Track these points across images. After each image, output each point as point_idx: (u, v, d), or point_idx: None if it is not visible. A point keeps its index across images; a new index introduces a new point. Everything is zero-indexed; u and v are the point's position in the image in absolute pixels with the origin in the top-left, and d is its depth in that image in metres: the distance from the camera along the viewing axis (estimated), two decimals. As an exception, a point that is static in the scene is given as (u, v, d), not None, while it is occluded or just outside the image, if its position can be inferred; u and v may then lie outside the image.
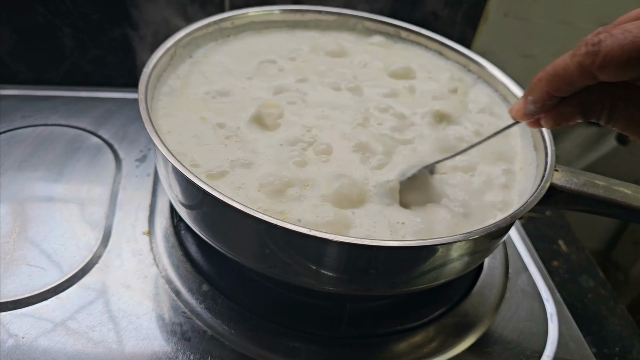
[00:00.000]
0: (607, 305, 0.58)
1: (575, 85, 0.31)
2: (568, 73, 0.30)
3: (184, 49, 0.54)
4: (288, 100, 0.51)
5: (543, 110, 0.33)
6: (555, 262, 0.63)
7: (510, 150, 0.50)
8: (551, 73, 0.31)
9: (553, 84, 0.31)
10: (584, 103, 0.32)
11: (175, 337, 0.45)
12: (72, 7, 0.70)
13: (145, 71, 0.47)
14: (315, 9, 0.62)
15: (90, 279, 0.48)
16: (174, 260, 0.51)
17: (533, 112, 0.34)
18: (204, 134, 0.46)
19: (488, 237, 0.40)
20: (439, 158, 0.45)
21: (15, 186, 0.56)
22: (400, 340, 0.47)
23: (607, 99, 0.31)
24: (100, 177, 0.59)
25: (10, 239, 0.51)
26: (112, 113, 0.69)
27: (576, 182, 0.42)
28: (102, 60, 0.75)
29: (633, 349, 0.54)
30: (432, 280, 0.41)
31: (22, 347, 0.42)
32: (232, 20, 0.59)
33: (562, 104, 0.33)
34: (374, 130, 0.49)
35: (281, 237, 0.37)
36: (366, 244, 0.35)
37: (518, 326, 0.50)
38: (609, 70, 0.28)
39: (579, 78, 0.30)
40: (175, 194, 0.43)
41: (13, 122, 0.65)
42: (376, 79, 0.57)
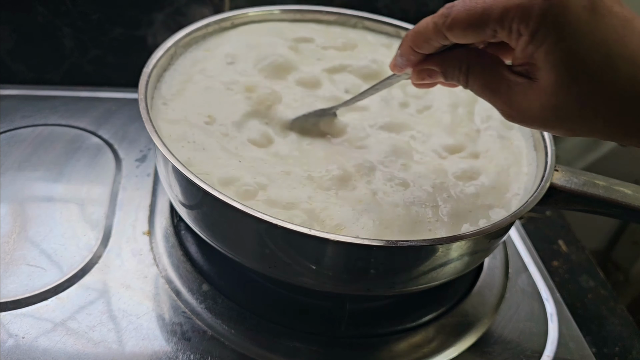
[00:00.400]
0: (607, 305, 0.58)
1: (432, 43, 0.34)
2: (426, 31, 0.34)
3: (184, 49, 0.54)
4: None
5: (409, 63, 0.37)
6: (555, 262, 0.63)
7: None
8: (415, 30, 0.35)
9: (414, 40, 0.35)
10: (444, 63, 0.35)
11: (176, 337, 0.45)
12: (72, 7, 0.70)
13: (145, 71, 0.47)
14: (315, 9, 0.62)
15: (90, 279, 0.48)
16: (174, 260, 0.51)
17: (401, 65, 0.37)
18: (204, 133, 0.46)
19: (488, 237, 0.40)
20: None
21: (15, 186, 0.56)
22: (400, 340, 0.47)
23: (464, 62, 0.34)
24: (100, 177, 0.59)
25: (10, 238, 0.51)
26: (112, 113, 0.69)
27: (576, 182, 0.42)
28: (102, 60, 0.75)
29: (633, 349, 0.54)
30: (432, 280, 0.41)
31: (22, 347, 0.42)
32: (232, 20, 0.59)
33: (426, 61, 0.36)
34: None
35: (281, 237, 0.37)
36: (366, 244, 0.35)
37: (518, 326, 0.50)
38: (456, 31, 0.32)
39: (433, 35, 0.33)
40: (175, 193, 0.43)
41: (13, 122, 0.65)
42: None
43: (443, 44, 0.34)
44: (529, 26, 0.29)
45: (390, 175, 0.45)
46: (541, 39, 0.29)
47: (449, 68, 0.35)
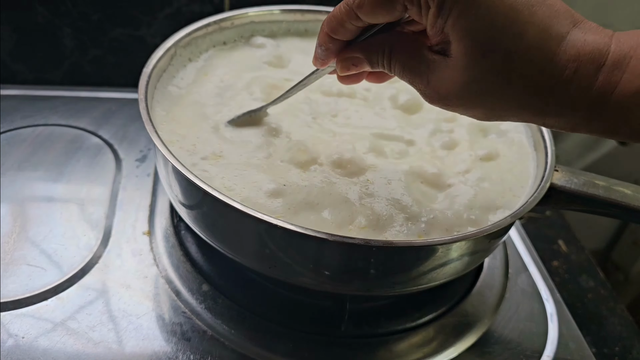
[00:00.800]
0: (607, 305, 0.58)
1: (347, 26, 0.33)
2: (339, 13, 0.33)
3: (184, 49, 0.54)
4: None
5: (329, 53, 0.35)
6: (555, 262, 0.63)
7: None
8: (329, 15, 0.34)
9: (329, 25, 0.34)
10: (367, 48, 0.34)
11: (175, 337, 0.45)
12: (72, 7, 0.70)
13: (145, 71, 0.47)
14: (315, 9, 0.62)
15: (90, 279, 0.48)
16: (174, 260, 0.51)
17: (322, 56, 0.36)
18: (204, 133, 0.46)
19: (488, 237, 0.40)
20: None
21: (15, 186, 0.56)
22: (400, 340, 0.47)
23: (386, 45, 0.33)
24: (101, 177, 0.59)
25: (10, 239, 0.51)
26: (112, 113, 0.69)
27: (576, 182, 0.42)
28: (102, 61, 0.75)
29: (633, 348, 0.54)
30: (432, 280, 0.41)
31: (22, 347, 0.42)
32: (232, 20, 0.59)
33: (348, 50, 0.35)
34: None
35: (281, 237, 0.37)
36: (366, 244, 0.35)
37: (518, 326, 0.50)
38: (366, 9, 0.31)
39: (346, 17, 0.32)
40: (175, 194, 0.43)
41: (13, 122, 0.65)
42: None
43: (357, 25, 0.33)
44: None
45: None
46: (448, 9, 0.28)
47: (372, 53, 0.34)
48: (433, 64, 0.31)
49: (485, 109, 0.31)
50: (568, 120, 0.30)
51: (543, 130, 0.48)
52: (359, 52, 0.35)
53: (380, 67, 0.35)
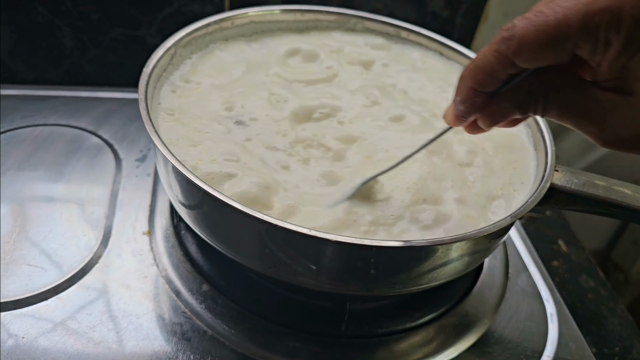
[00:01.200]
0: (607, 305, 0.58)
1: (497, 76, 0.29)
2: (487, 63, 0.29)
3: (184, 49, 0.54)
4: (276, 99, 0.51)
5: (473, 109, 0.32)
6: (555, 262, 0.63)
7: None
8: (472, 68, 0.30)
9: (475, 78, 0.30)
10: (516, 96, 0.30)
11: (176, 337, 0.45)
12: (72, 7, 0.70)
13: (145, 71, 0.47)
14: (315, 9, 0.62)
15: (90, 279, 0.48)
16: (174, 260, 0.51)
17: (464, 113, 0.32)
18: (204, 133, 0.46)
19: (488, 237, 0.40)
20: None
21: (15, 186, 0.56)
22: (400, 340, 0.47)
23: (539, 88, 0.30)
24: (100, 177, 0.59)
25: (10, 239, 0.51)
26: (112, 113, 0.69)
27: (576, 182, 0.42)
28: (102, 60, 0.75)
29: (633, 349, 0.54)
30: (432, 280, 0.41)
31: (22, 347, 0.42)
32: (232, 20, 0.59)
33: (495, 101, 0.31)
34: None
35: (281, 237, 0.37)
36: (366, 244, 0.35)
37: (518, 326, 0.50)
38: (526, 55, 0.27)
39: (498, 67, 0.28)
40: (175, 194, 0.43)
41: (13, 122, 0.65)
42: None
43: (510, 73, 0.29)
44: (620, 32, 0.25)
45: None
46: (637, 45, 0.25)
47: (524, 101, 0.30)
48: (608, 103, 0.27)
49: None
50: None
51: (543, 130, 0.48)
52: (510, 101, 0.30)
53: (533, 113, 0.31)
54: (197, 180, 0.37)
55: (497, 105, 0.31)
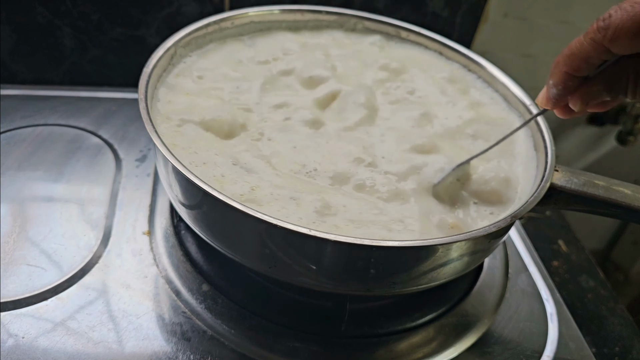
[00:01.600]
0: (607, 305, 0.58)
1: (592, 62, 0.31)
2: (583, 50, 0.31)
3: (184, 49, 0.54)
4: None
5: (566, 92, 0.34)
6: (555, 262, 0.63)
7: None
8: (567, 54, 0.32)
9: (570, 64, 0.32)
10: (608, 79, 0.32)
11: (175, 337, 0.45)
12: (72, 7, 0.70)
13: (145, 71, 0.47)
14: (315, 9, 0.62)
15: (90, 279, 0.48)
16: (174, 260, 0.51)
17: (557, 96, 0.35)
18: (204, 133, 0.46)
19: (488, 237, 0.40)
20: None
21: (15, 186, 0.56)
22: (400, 340, 0.47)
23: (631, 71, 0.31)
24: (100, 177, 0.59)
25: (10, 238, 0.51)
26: (112, 113, 0.69)
27: (576, 182, 0.42)
28: (102, 60, 0.75)
29: (633, 348, 0.54)
30: (432, 280, 0.41)
31: (22, 347, 0.42)
32: (232, 20, 0.59)
33: (587, 84, 0.33)
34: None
35: (281, 237, 0.37)
36: (366, 244, 0.35)
37: (518, 326, 0.50)
38: (621, 42, 0.29)
39: (593, 54, 0.30)
40: (175, 194, 0.43)
41: (13, 122, 0.65)
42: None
43: (605, 59, 0.31)
44: None
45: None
46: None
47: (616, 82, 0.32)
48: None
49: None
50: None
51: (543, 130, 0.48)
52: (601, 84, 0.33)
53: (624, 96, 0.33)
54: (197, 180, 0.37)
55: (589, 88, 0.33)
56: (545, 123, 0.49)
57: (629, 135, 0.89)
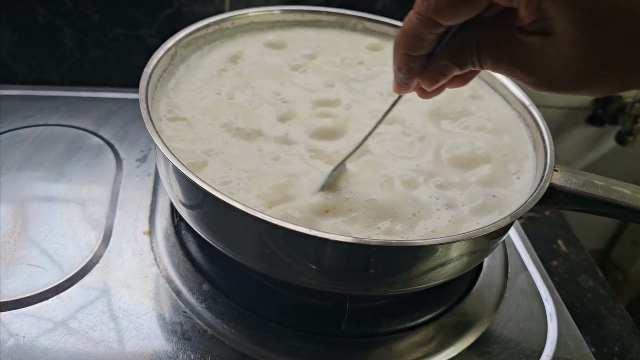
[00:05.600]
0: (607, 304, 0.58)
1: (425, 38, 0.30)
2: (413, 27, 0.30)
3: (184, 49, 0.54)
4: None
5: (411, 74, 0.33)
6: (555, 261, 0.63)
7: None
8: (401, 34, 0.31)
9: (405, 44, 0.31)
10: (451, 52, 0.31)
11: (176, 337, 0.45)
12: (72, 8, 0.70)
13: (146, 71, 0.47)
14: (315, 9, 0.62)
15: (91, 279, 0.48)
16: (174, 260, 0.51)
17: (404, 80, 0.33)
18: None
19: (487, 237, 0.40)
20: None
21: (16, 186, 0.57)
22: (400, 340, 0.47)
23: (471, 41, 0.30)
24: (101, 177, 0.59)
25: (11, 238, 0.51)
26: (112, 113, 0.70)
27: (575, 182, 0.42)
28: (103, 61, 0.75)
29: (632, 348, 0.54)
30: (432, 280, 0.41)
31: (23, 347, 0.43)
32: (233, 21, 0.59)
33: (431, 61, 0.32)
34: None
35: (281, 236, 0.38)
36: (366, 243, 0.35)
37: (517, 326, 0.50)
38: (445, 12, 0.28)
39: (423, 29, 0.29)
40: (176, 193, 0.43)
41: (14, 122, 0.65)
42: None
43: (436, 33, 0.30)
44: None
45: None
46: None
47: (459, 55, 0.31)
48: (531, 47, 0.28)
49: (610, 82, 0.27)
50: None
51: (542, 130, 0.48)
52: (445, 59, 0.32)
53: (471, 66, 0.31)
54: (197, 180, 0.37)
55: (434, 64, 0.32)
56: (545, 123, 0.49)
57: (628, 135, 0.90)
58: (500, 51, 0.30)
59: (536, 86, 0.29)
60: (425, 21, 0.29)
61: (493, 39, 0.30)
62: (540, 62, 0.28)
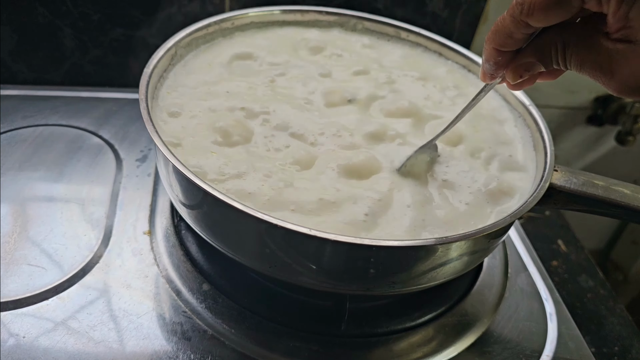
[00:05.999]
0: (607, 304, 0.58)
1: (515, 37, 0.33)
2: (505, 26, 0.32)
3: (184, 49, 0.54)
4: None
5: (499, 66, 0.36)
6: (555, 261, 0.63)
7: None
8: (493, 31, 0.34)
9: (496, 40, 0.34)
10: (537, 50, 0.34)
11: (176, 337, 0.45)
12: (72, 7, 0.70)
13: (146, 71, 0.47)
14: (316, 9, 0.62)
15: (91, 279, 0.48)
16: (174, 260, 0.51)
17: (491, 71, 0.36)
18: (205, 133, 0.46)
19: (487, 237, 0.40)
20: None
21: (16, 186, 0.57)
22: (400, 340, 0.47)
23: (557, 41, 0.32)
24: (101, 177, 0.59)
25: (11, 238, 0.51)
26: (112, 113, 0.69)
27: (575, 182, 0.42)
28: (103, 61, 0.75)
29: (632, 348, 0.54)
30: (432, 279, 0.41)
31: (23, 347, 0.43)
32: (233, 21, 0.59)
33: (518, 57, 0.35)
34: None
35: (281, 236, 0.38)
36: (366, 244, 0.36)
37: (517, 326, 0.50)
38: (537, 15, 0.30)
39: (514, 29, 0.32)
40: (176, 193, 0.43)
41: (14, 122, 0.65)
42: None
43: (527, 33, 0.32)
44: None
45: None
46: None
47: (545, 54, 0.33)
48: (616, 53, 0.30)
49: None
50: None
51: (543, 130, 0.48)
52: (531, 56, 0.34)
53: (556, 65, 0.34)
54: (197, 180, 0.37)
55: (520, 61, 0.35)
56: (545, 123, 0.49)
57: (628, 135, 0.89)
58: (585, 54, 0.31)
59: (616, 91, 0.31)
60: (517, 22, 0.31)
61: (579, 42, 0.31)
62: (622, 68, 0.30)
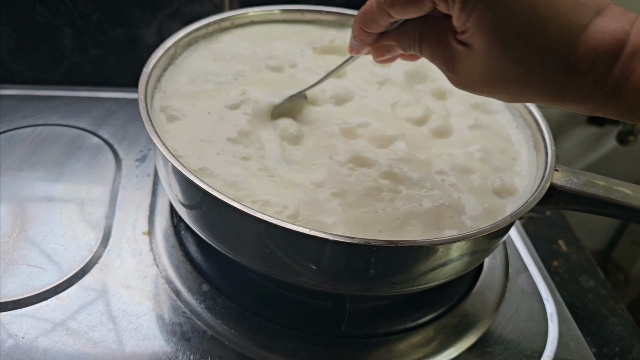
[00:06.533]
0: (607, 305, 0.58)
1: (379, 22, 0.35)
2: (371, 11, 0.35)
3: (184, 49, 0.54)
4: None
5: (364, 44, 0.39)
6: (555, 262, 0.63)
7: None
8: (361, 12, 0.36)
9: (362, 21, 0.37)
10: (397, 36, 0.37)
11: (175, 337, 0.45)
12: (72, 7, 0.70)
13: (145, 71, 0.47)
14: (316, 9, 0.62)
15: (90, 279, 0.48)
16: (174, 260, 0.51)
17: (357, 46, 0.39)
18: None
19: (488, 237, 0.40)
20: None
21: (15, 186, 0.56)
22: (400, 340, 0.47)
23: (416, 31, 0.35)
24: (100, 177, 0.59)
25: (10, 239, 0.51)
26: (112, 113, 0.69)
27: (576, 182, 0.42)
28: (102, 60, 0.75)
29: (633, 349, 0.54)
30: (432, 280, 0.41)
31: (22, 347, 0.42)
32: (232, 20, 0.59)
33: (381, 38, 0.38)
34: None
35: (281, 237, 0.37)
36: (366, 244, 0.35)
37: (518, 326, 0.50)
38: (397, 8, 0.33)
39: (379, 15, 0.35)
40: (175, 194, 0.43)
41: (13, 122, 0.65)
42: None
43: (389, 21, 0.35)
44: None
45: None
46: (472, 6, 0.30)
47: (403, 41, 0.37)
48: (458, 53, 0.33)
49: (508, 94, 0.33)
50: (586, 107, 0.31)
51: (543, 130, 0.48)
52: (392, 40, 0.37)
53: (412, 51, 0.37)
54: (197, 180, 0.37)
55: (383, 42, 0.38)
56: (545, 123, 0.49)
57: (629, 135, 0.89)
58: (436, 48, 0.35)
59: (455, 84, 0.35)
60: (380, 10, 0.34)
61: (433, 36, 0.35)
62: (462, 66, 0.33)
